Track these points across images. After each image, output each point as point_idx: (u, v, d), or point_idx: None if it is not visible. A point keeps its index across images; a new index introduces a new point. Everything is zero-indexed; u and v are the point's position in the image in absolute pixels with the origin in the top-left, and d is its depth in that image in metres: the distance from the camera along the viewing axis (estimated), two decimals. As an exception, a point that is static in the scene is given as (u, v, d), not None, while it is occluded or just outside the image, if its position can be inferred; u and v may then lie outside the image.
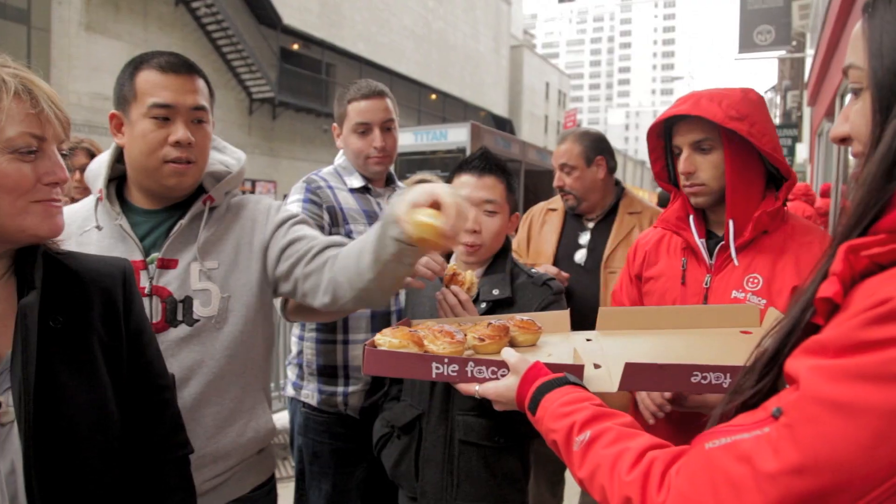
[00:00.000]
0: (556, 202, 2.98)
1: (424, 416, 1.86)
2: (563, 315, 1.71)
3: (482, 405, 1.71)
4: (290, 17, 24.13)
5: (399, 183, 2.52)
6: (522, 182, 9.67)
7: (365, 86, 2.32)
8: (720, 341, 1.50)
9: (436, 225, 1.25)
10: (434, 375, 1.33)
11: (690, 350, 1.46)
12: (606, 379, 1.27)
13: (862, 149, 0.82)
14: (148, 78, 1.51)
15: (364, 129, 2.28)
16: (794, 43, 15.89)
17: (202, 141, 1.56)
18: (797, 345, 0.75)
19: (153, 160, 1.52)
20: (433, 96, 33.88)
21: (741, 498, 0.68)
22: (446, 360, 1.32)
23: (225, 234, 1.63)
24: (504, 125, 37.95)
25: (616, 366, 1.24)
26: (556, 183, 2.83)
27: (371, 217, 2.28)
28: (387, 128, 2.31)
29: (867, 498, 0.62)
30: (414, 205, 1.30)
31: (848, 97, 0.85)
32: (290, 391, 2.35)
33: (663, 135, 1.91)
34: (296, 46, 25.58)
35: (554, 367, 1.18)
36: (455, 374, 1.32)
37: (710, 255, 1.81)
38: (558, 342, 1.58)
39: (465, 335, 1.46)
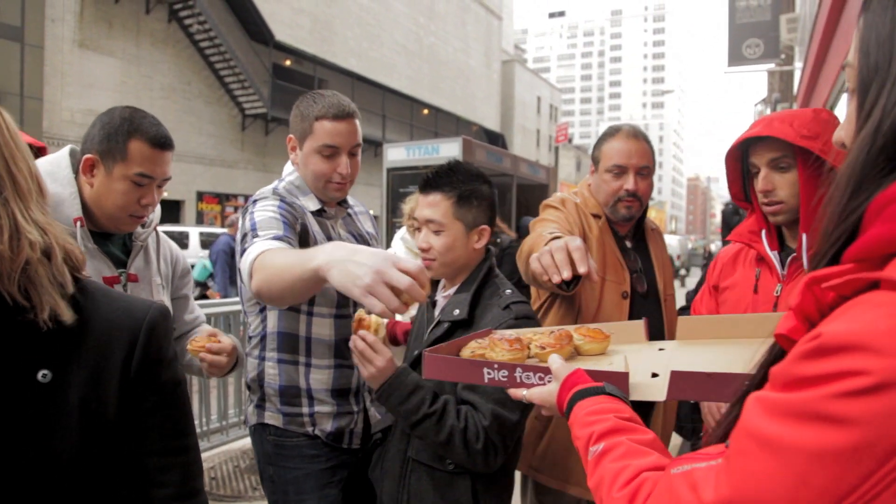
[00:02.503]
0: (595, 207, 2.37)
1: (392, 428, 1.93)
2: (638, 325, 1.66)
3: None
4: (281, 33, 24.25)
5: (350, 200, 2.31)
6: (514, 196, 9.71)
7: (336, 104, 2.06)
8: None
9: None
10: (486, 380, 1.36)
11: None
12: (658, 388, 1.25)
13: None
14: (141, 150, 1.76)
15: (331, 153, 2.06)
16: (782, 56, 16.04)
17: (158, 200, 1.89)
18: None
19: (121, 212, 1.80)
20: (425, 111, 34.02)
21: None
22: (496, 366, 1.35)
23: (157, 258, 2.03)
24: (496, 139, 38.11)
25: None
26: (630, 186, 2.28)
27: (330, 241, 2.09)
28: (354, 153, 2.11)
29: None
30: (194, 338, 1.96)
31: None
32: (252, 418, 2.17)
33: (739, 158, 2.02)
34: (288, 62, 25.69)
35: (596, 375, 1.19)
36: (505, 379, 1.35)
37: (783, 266, 1.92)
38: (628, 352, 1.53)
39: (529, 344, 1.48)
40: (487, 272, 1.93)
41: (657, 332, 2.26)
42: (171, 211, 21.17)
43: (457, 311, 1.84)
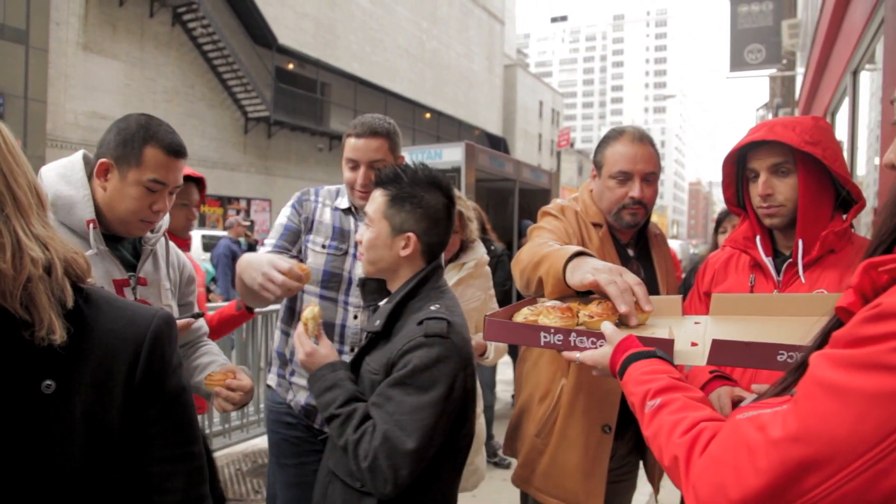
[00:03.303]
0: (596, 215, 2.27)
1: (329, 437, 1.92)
2: (675, 300, 1.79)
3: None
4: (285, 36, 24.30)
5: None
6: (517, 201, 9.72)
7: (361, 124, 2.36)
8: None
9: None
10: (542, 343, 1.48)
11: (792, 335, 1.41)
12: (698, 355, 1.35)
13: None
14: (156, 156, 1.81)
15: (353, 166, 2.35)
16: (784, 61, 16.05)
17: (169, 207, 1.93)
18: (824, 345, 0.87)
19: (133, 217, 1.84)
20: (427, 115, 34.06)
21: (753, 459, 0.81)
22: (552, 330, 1.46)
23: (166, 263, 2.08)
24: (498, 143, 38.14)
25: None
26: (636, 194, 2.17)
27: (339, 232, 2.39)
28: (377, 167, 2.27)
29: (850, 468, 0.73)
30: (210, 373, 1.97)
31: None
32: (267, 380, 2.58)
33: (736, 162, 2.01)
34: (291, 66, 25.75)
35: (645, 341, 1.31)
36: (560, 342, 1.46)
37: (778, 272, 1.90)
38: (666, 323, 1.62)
39: (578, 312, 1.58)
40: (420, 283, 1.83)
41: None
42: (174, 214, 21.20)
43: (377, 322, 1.80)
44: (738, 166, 2.01)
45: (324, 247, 2.36)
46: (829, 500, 0.74)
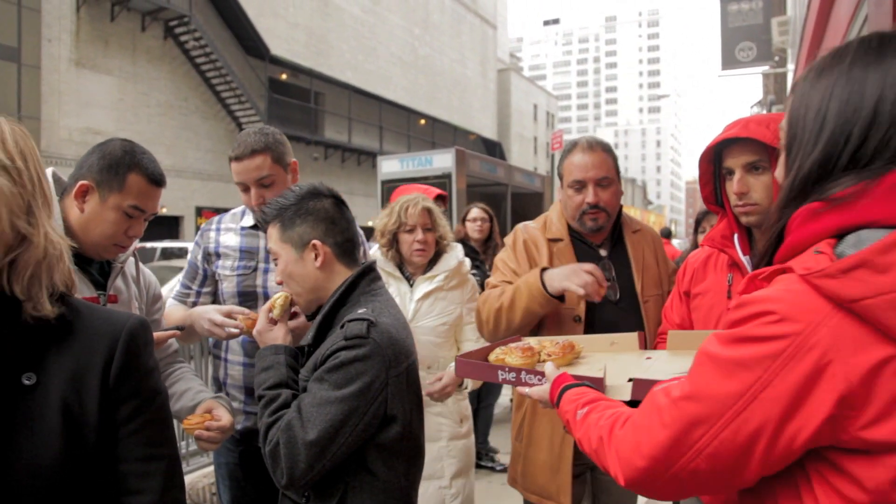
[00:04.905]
0: (557, 230, 2.48)
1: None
2: (633, 337, 2.00)
3: None
4: (277, 47, 24.36)
5: None
6: (510, 205, 9.73)
7: (238, 145, 2.33)
8: None
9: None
10: (500, 380, 1.70)
11: None
12: (626, 390, 1.51)
13: None
14: (139, 184, 1.84)
15: (243, 188, 2.35)
16: (776, 58, 16.10)
17: (142, 232, 1.96)
18: None
19: (107, 241, 1.85)
20: (422, 121, 34.11)
21: (661, 418, 1.02)
22: (507, 369, 1.69)
23: (134, 281, 2.09)
24: (493, 148, 38.20)
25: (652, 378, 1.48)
26: (590, 199, 2.34)
27: (246, 252, 2.43)
28: (264, 184, 2.30)
29: (722, 419, 0.94)
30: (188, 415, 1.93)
31: None
32: None
33: (713, 160, 2.01)
34: (284, 76, 25.80)
35: (578, 378, 1.52)
36: (513, 379, 1.68)
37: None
38: (603, 361, 1.78)
39: (540, 352, 1.80)
40: (347, 290, 1.81)
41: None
42: (171, 227, 21.20)
43: (309, 336, 1.80)
44: (715, 164, 2.01)
45: (232, 269, 2.41)
46: (710, 449, 0.95)
